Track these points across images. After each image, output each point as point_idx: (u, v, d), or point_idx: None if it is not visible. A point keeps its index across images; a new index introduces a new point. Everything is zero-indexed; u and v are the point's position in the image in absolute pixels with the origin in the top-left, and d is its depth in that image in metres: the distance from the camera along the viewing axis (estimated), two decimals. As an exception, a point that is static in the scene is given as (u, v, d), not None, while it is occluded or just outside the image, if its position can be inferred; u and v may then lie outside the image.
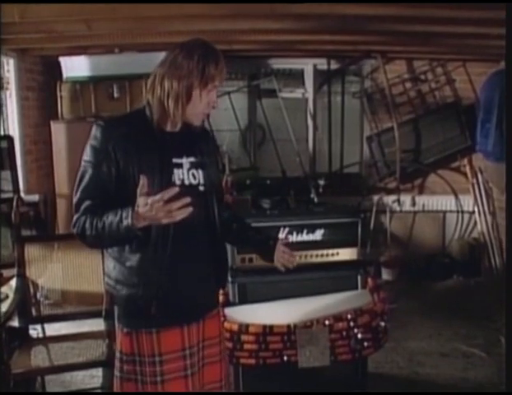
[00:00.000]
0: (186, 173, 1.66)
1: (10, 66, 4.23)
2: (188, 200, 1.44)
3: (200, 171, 1.69)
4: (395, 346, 3.48)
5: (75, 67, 4.31)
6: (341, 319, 2.49)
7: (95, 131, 1.62)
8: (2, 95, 4.17)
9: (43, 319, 2.71)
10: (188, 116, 1.63)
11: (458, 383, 3.09)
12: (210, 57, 1.61)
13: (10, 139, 3.76)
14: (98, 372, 2.83)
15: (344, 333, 2.49)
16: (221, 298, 2.61)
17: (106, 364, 2.40)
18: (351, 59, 5.03)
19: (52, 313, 2.70)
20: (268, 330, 2.44)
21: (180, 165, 1.65)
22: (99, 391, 2.77)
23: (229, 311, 2.49)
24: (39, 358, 2.44)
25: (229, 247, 2.65)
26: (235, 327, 2.43)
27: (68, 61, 4.33)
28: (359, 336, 2.48)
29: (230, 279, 2.64)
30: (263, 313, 2.52)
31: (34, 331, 2.84)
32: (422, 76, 5.06)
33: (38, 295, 2.71)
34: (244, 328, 2.43)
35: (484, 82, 4.61)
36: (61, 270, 2.69)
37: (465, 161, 5.07)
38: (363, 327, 2.51)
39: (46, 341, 2.67)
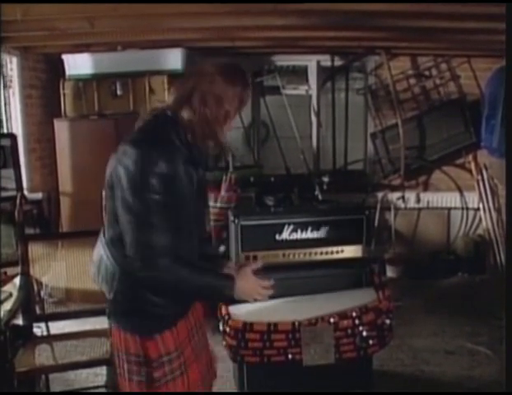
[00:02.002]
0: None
1: (13, 64, 4.23)
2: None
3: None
4: (400, 344, 3.46)
5: (78, 64, 4.32)
6: (346, 317, 2.48)
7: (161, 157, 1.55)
8: (6, 94, 4.17)
9: (47, 317, 2.71)
10: (211, 139, 1.68)
11: (463, 381, 3.08)
12: (246, 85, 1.69)
13: (13, 137, 3.76)
14: (102, 370, 2.82)
15: (349, 331, 2.48)
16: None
17: (110, 362, 2.39)
18: (355, 56, 5.00)
19: (56, 312, 2.70)
20: (273, 328, 2.44)
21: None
22: (103, 390, 2.77)
23: (233, 309, 2.47)
24: (43, 356, 2.44)
25: (233, 244, 2.66)
26: (240, 325, 2.42)
27: (71, 59, 4.33)
28: (364, 333, 2.47)
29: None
30: (268, 311, 2.51)
31: (39, 329, 2.84)
32: (427, 73, 5.03)
33: (42, 293, 2.71)
34: (249, 326, 2.43)
35: (489, 78, 4.58)
36: (64, 268, 2.69)
37: (470, 158, 5.04)
38: (368, 325, 2.50)
39: (50, 339, 2.67)
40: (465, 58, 4.92)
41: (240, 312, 2.47)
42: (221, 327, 2.50)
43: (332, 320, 2.46)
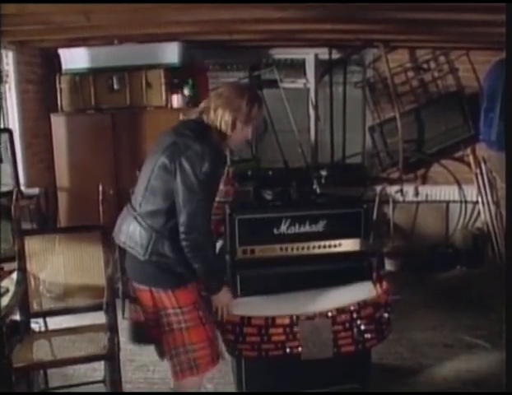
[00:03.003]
0: None
1: (9, 59, 4.20)
2: None
3: None
4: (398, 337, 3.47)
5: (74, 59, 4.29)
6: (343, 311, 2.47)
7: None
8: (2, 89, 4.14)
9: (45, 313, 2.71)
10: (228, 141, 2.21)
11: (461, 374, 3.08)
12: (255, 101, 2.18)
13: (9, 132, 3.74)
14: (100, 365, 2.83)
15: (347, 325, 2.48)
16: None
17: (108, 357, 2.39)
18: (353, 48, 4.98)
19: (54, 307, 2.69)
20: (270, 322, 2.43)
21: None
22: (101, 385, 2.77)
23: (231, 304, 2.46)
24: (41, 351, 2.44)
25: (231, 238, 2.65)
26: (237, 320, 2.42)
27: (67, 53, 4.30)
28: (362, 327, 2.46)
29: (232, 270, 2.62)
30: (266, 305, 2.50)
31: (37, 325, 2.84)
32: (425, 65, 5.01)
33: (40, 289, 2.70)
34: (246, 321, 2.42)
35: (488, 71, 4.56)
36: (62, 263, 2.68)
37: (468, 151, 5.03)
38: (366, 319, 2.49)
39: (48, 334, 2.67)
40: (464, 51, 4.89)
41: (237, 307, 2.47)
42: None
43: (330, 314, 2.45)
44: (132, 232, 2.18)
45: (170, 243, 2.13)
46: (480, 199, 5.02)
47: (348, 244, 2.70)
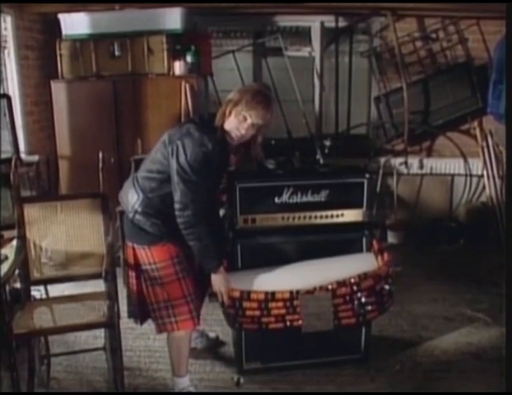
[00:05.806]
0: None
1: (7, 24, 4.11)
2: None
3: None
4: (399, 310, 3.47)
5: (74, 24, 4.19)
6: (344, 284, 2.44)
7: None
8: (1, 55, 4.07)
9: (46, 281, 2.70)
10: (229, 135, 2.31)
11: (461, 347, 3.08)
12: (251, 93, 2.28)
13: (8, 98, 3.69)
14: (101, 333, 2.84)
15: (348, 298, 2.45)
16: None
17: (107, 325, 2.39)
18: (360, 16, 4.85)
19: (55, 275, 2.68)
20: (270, 296, 2.41)
21: None
22: (101, 352, 2.78)
23: (230, 278, 2.44)
24: (42, 319, 2.44)
25: (230, 206, 2.62)
26: (237, 294, 2.40)
27: (68, 18, 4.20)
28: (362, 300, 2.44)
29: (232, 239, 2.60)
30: (265, 279, 2.47)
31: (38, 292, 2.84)
32: (433, 35, 4.88)
33: (42, 257, 2.69)
34: (246, 295, 2.40)
35: (498, 42, 4.44)
36: (62, 231, 2.66)
37: (475, 124, 4.95)
38: (367, 291, 2.46)
39: (49, 301, 2.68)
40: (474, 20, 4.76)
41: (237, 281, 2.45)
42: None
43: (330, 287, 2.42)
44: (126, 192, 2.39)
45: (156, 209, 2.31)
46: (485, 173, 4.96)
47: (350, 215, 2.66)
